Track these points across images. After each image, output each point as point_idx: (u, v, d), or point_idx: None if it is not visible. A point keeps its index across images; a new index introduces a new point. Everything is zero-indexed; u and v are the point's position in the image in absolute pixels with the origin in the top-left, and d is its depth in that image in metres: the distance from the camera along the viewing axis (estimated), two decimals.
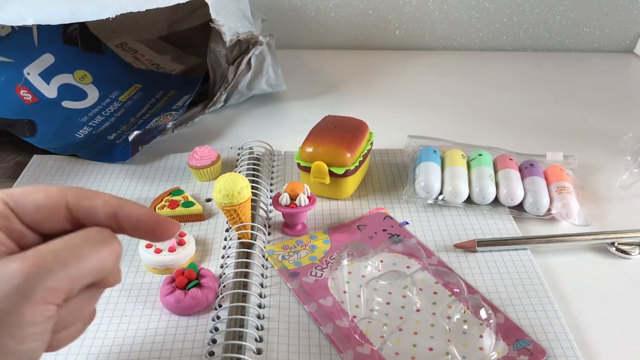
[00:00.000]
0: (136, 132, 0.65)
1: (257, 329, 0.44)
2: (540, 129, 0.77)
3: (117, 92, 0.80)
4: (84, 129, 0.73)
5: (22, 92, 0.74)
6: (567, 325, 0.45)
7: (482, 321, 0.44)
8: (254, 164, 0.64)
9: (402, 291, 0.47)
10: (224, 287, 0.48)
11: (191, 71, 0.87)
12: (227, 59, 0.74)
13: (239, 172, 0.59)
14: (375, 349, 0.43)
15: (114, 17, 0.60)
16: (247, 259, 0.51)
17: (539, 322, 0.45)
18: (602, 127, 0.78)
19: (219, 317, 0.45)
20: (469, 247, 0.53)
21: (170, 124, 0.69)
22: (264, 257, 0.52)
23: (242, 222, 0.53)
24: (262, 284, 0.49)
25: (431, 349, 0.43)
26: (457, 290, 0.47)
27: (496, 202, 0.59)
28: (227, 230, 0.55)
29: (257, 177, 0.62)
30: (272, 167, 0.66)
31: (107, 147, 0.68)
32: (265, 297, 0.48)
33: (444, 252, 0.53)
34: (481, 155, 0.63)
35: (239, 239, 0.53)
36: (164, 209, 0.57)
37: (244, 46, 0.74)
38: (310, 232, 0.56)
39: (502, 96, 0.86)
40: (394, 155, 0.69)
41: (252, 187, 0.57)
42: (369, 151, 0.62)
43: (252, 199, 0.56)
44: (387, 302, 0.46)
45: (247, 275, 0.49)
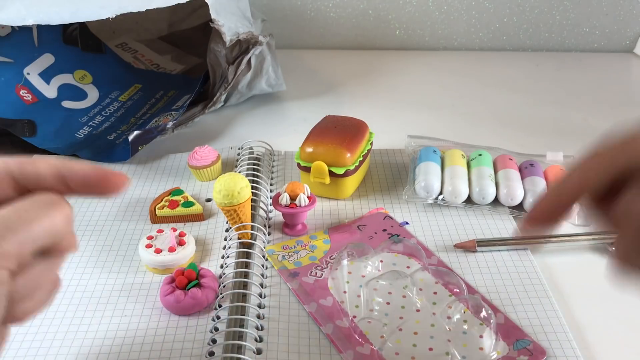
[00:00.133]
0: (136, 132, 0.65)
1: (257, 329, 0.44)
2: (540, 129, 0.77)
3: (117, 92, 0.80)
4: (84, 129, 0.73)
5: (22, 92, 0.74)
6: (567, 325, 0.45)
7: (482, 321, 0.44)
8: (254, 164, 0.64)
9: (402, 291, 0.47)
10: (224, 287, 0.48)
11: (191, 71, 0.87)
12: (227, 59, 0.74)
13: (239, 172, 0.59)
14: (375, 349, 0.43)
15: (114, 17, 0.60)
16: (247, 259, 0.51)
17: (539, 322, 0.45)
18: (602, 127, 0.77)
19: (219, 317, 0.45)
20: (469, 247, 0.53)
21: (170, 124, 0.69)
22: (264, 257, 0.52)
23: (242, 222, 0.53)
24: (262, 284, 0.49)
25: (431, 349, 0.43)
26: (457, 290, 0.47)
27: (496, 202, 0.59)
28: (227, 230, 0.55)
29: (257, 177, 0.62)
30: (272, 167, 0.66)
31: (107, 147, 0.68)
32: (265, 297, 0.48)
33: (444, 252, 0.53)
34: (481, 155, 0.63)
35: (239, 239, 0.53)
36: (164, 209, 0.57)
37: (244, 46, 0.74)
38: (310, 232, 0.56)
39: (502, 96, 0.86)
40: (394, 155, 0.69)
41: (252, 187, 0.57)
42: (369, 151, 0.62)
43: (252, 199, 0.56)
44: (387, 302, 0.46)
45: (247, 275, 0.49)
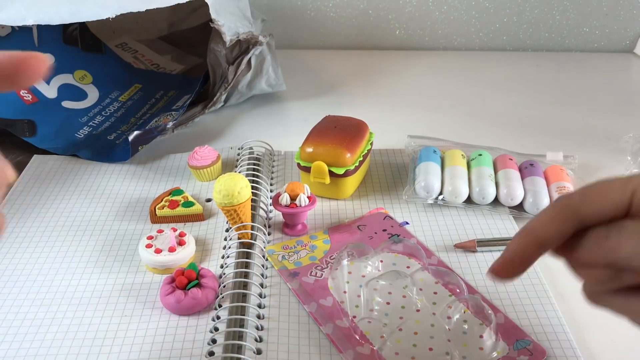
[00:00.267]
0: (136, 132, 0.65)
1: (257, 329, 0.44)
2: (540, 129, 0.77)
3: (117, 92, 0.80)
4: (84, 129, 0.73)
5: (22, 92, 0.74)
6: (567, 325, 0.45)
7: (482, 321, 0.44)
8: (254, 164, 0.64)
9: (402, 291, 0.47)
10: (224, 287, 0.48)
11: (191, 71, 0.87)
12: (227, 59, 0.74)
13: (239, 172, 0.59)
14: (375, 349, 0.43)
15: (114, 17, 0.60)
16: (247, 259, 0.51)
17: (539, 322, 0.45)
18: (602, 127, 0.78)
19: (219, 317, 0.45)
20: (469, 247, 0.53)
21: (170, 124, 0.69)
22: (264, 257, 0.52)
23: (242, 222, 0.53)
24: (262, 284, 0.49)
25: (431, 349, 0.43)
26: (457, 290, 0.47)
27: (496, 202, 0.59)
28: (227, 230, 0.55)
29: (257, 177, 0.62)
30: (272, 167, 0.66)
31: (107, 147, 0.68)
32: (265, 297, 0.48)
33: (444, 252, 0.53)
34: (481, 155, 0.63)
35: (239, 239, 0.53)
36: (164, 209, 0.57)
37: (244, 46, 0.74)
38: (310, 232, 0.56)
39: (502, 96, 0.86)
40: (394, 155, 0.69)
41: (252, 187, 0.57)
42: (369, 151, 0.62)
43: (252, 199, 0.56)
44: (387, 302, 0.46)
45: (247, 275, 0.49)
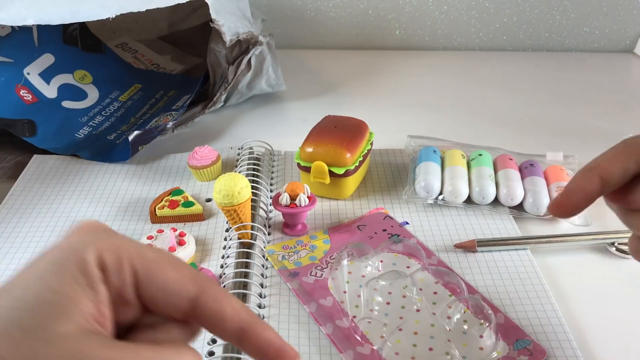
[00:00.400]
0: (136, 132, 0.65)
1: None
2: (540, 129, 0.77)
3: (117, 92, 0.80)
4: (84, 129, 0.73)
5: (22, 92, 0.74)
6: (567, 325, 0.45)
7: (482, 321, 0.44)
8: (254, 164, 0.64)
9: (402, 291, 0.47)
10: (224, 287, 0.48)
11: (191, 71, 0.87)
12: (227, 59, 0.74)
13: (239, 172, 0.59)
14: (375, 349, 0.43)
15: (114, 17, 0.60)
16: (247, 259, 0.51)
17: (539, 322, 0.45)
18: (602, 127, 0.78)
19: None
20: (469, 247, 0.53)
21: (170, 124, 0.69)
22: (264, 257, 0.52)
23: (242, 222, 0.53)
24: (262, 284, 0.49)
25: (431, 349, 0.43)
26: (457, 290, 0.47)
27: (496, 202, 0.59)
28: (227, 230, 0.55)
29: (257, 177, 0.62)
30: (272, 167, 0.66)
31: (107, 147, 0.68)
32: (265, 297, 0.48)
33: (444, 252, 0.53)
34: (481, 155, 0.63)
35: (239, 239, 0.53)
36: (164, 209, 0.57)
37: (244, 46, 0.74)
38: (310, 232, 0.56)
39: (502, 96, 0.86)
40: (394, 155, 0.69)
41: (252, 187, 0.57)
42: (369, 151, 0.62)
43: (252, 199, 0.56)
44: (387, 302, 0.46)
45: (247, 275, 0.49)
